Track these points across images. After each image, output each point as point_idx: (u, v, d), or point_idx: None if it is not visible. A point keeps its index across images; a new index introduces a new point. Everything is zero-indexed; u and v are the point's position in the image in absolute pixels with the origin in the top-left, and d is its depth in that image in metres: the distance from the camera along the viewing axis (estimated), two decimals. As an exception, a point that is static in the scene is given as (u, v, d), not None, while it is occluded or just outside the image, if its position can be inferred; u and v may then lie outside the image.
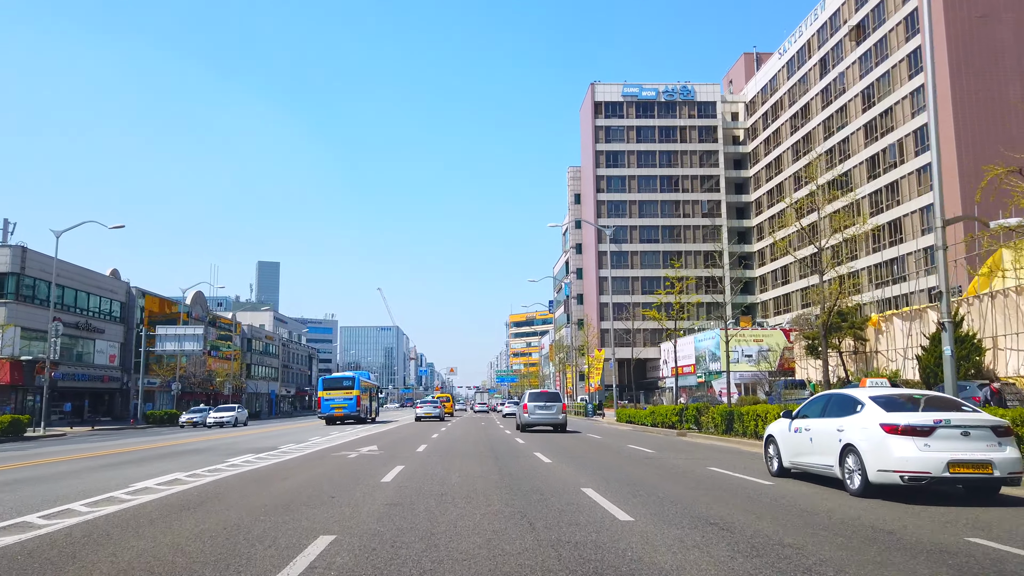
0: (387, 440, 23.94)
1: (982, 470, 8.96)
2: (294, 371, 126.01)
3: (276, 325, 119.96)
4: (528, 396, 31.59)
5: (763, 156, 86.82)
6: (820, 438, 10.77)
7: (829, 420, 10.71)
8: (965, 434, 9.15)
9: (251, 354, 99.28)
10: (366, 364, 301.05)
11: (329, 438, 25.28)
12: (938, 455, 8.97)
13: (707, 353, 70.42)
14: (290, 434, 29.59)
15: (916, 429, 9.15)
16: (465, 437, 26.39)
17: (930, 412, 9.44)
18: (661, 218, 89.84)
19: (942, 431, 9.13)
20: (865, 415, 9.88)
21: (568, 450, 18.58)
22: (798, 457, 11.58)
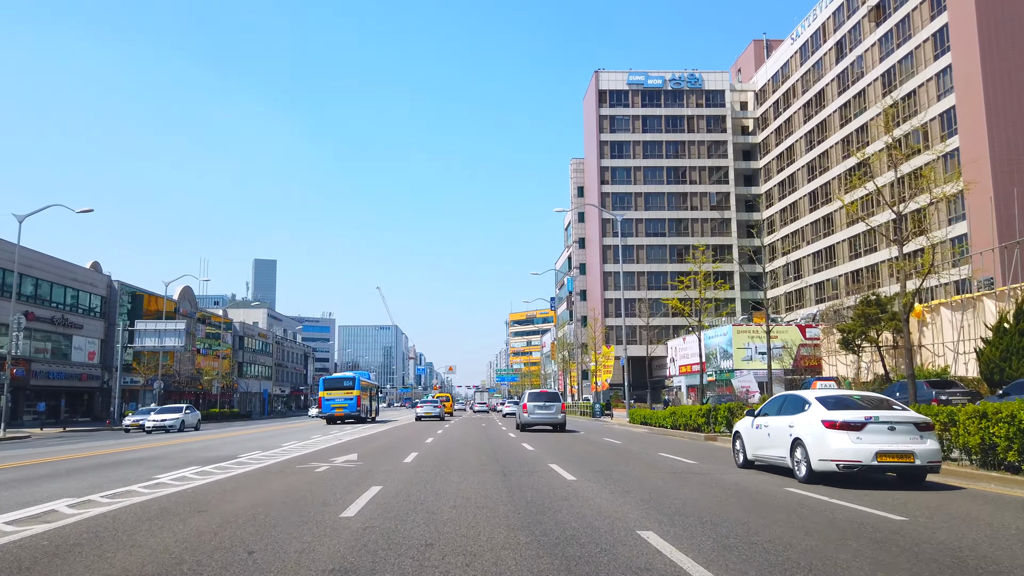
0: (374, 446, 20.62)
1: (905, 459, 10.46)
2: (289, 370, 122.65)
3: (270, 323, 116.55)
4: (528, 396, 31.61)
5: (774, 146, 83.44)
6: (776, 433, 12.23)
7: (783, 418, 12.11)
8: (891, 429, 10.62)
9: (243, 352, 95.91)
10: (364, 363, 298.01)
11: (306, 443, 21.91)
12: (868, 446, 10.45)
13: (718, 350, 67.03)
14: (264, 438, 26.22)
15: (850, 424, 10.63)
16: (464, 441, 23.08)
17: (863, 410, 10.90)
18: (668, 211, 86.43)
19: (872, 426, 10.60)
20: (811, 413, 11.36)
21: (590, 460, 15.22)
22: (759, 450, 13.03)
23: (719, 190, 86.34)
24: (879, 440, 10.49)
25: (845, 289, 68.01)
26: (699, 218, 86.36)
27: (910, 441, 10.54)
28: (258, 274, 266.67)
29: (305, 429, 34.87)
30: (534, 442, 21.19)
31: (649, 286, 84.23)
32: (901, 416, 10.85)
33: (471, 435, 27.56)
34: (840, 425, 10.65)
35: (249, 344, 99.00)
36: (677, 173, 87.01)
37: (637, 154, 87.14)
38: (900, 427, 10.64)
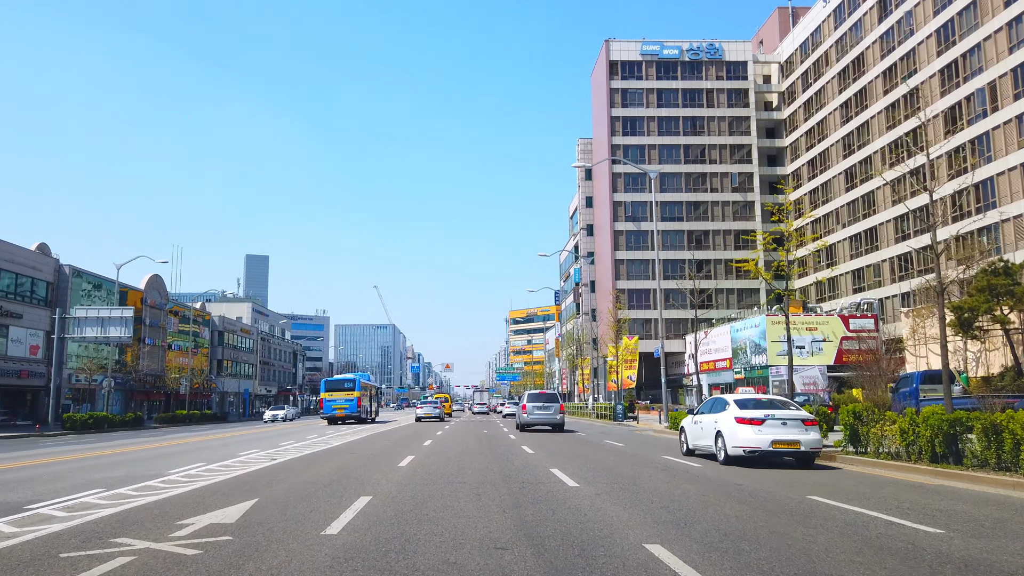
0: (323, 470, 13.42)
1: (793, 446, 14.39)
2: (276, 368, 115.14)
3: (255, 318, 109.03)
4: (527, 397, 32.15)
5: (802, 122, 76.00)
6: (707, 428, 16.44)
7: (711, 415, 16.43)
8: (784, 424, 14.57)
9: (223, 349, 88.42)
10: (362, 364, 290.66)
11: (210, 469, 14.36)
12: (766, 435, 14.42)
13: (748, 345, 59.51)
14: (169, 456, 18.59)
15: (753, 420, 14.63)
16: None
17: (764, 410, 14.96)
18: (685, 193, 78.96)
19: (769, 421, 14.59)
20: (729, 412, 15.43)
21: (683, 511, 8.00)
22: (696, 441, 17.29)
23: (741, 170, 78.86)
24: (774, 432, 14.46)
25: (890, 275, 60.55)
26: (719, 200, 78.90)
27: (798, 433, 14.49)
28: (250, 270, 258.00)
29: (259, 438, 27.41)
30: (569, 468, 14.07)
31: (666, 274, 76.72)
32: (792, 414, 14.88)
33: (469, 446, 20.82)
34: (746, 421, 14.66)
35: (230, 340, 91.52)
36: (696, 152, 79.58)
37: (652, 131, 79.65)
38: (790, 422, 14.63)
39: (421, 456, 17.68)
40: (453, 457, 16.96)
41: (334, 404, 45.71)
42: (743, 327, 60.77)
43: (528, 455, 17.75)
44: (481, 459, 16.22)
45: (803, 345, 55.52)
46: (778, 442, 14.14)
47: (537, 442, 22.70)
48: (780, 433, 14.25)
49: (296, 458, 16.75)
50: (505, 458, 16.51)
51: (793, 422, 14.39)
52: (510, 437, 26.44)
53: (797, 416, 14.63)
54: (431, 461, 15.72)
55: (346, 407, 45.45)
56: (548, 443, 21.85)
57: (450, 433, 31.74)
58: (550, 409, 30.49)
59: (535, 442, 22.46)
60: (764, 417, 14.39)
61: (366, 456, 17.62)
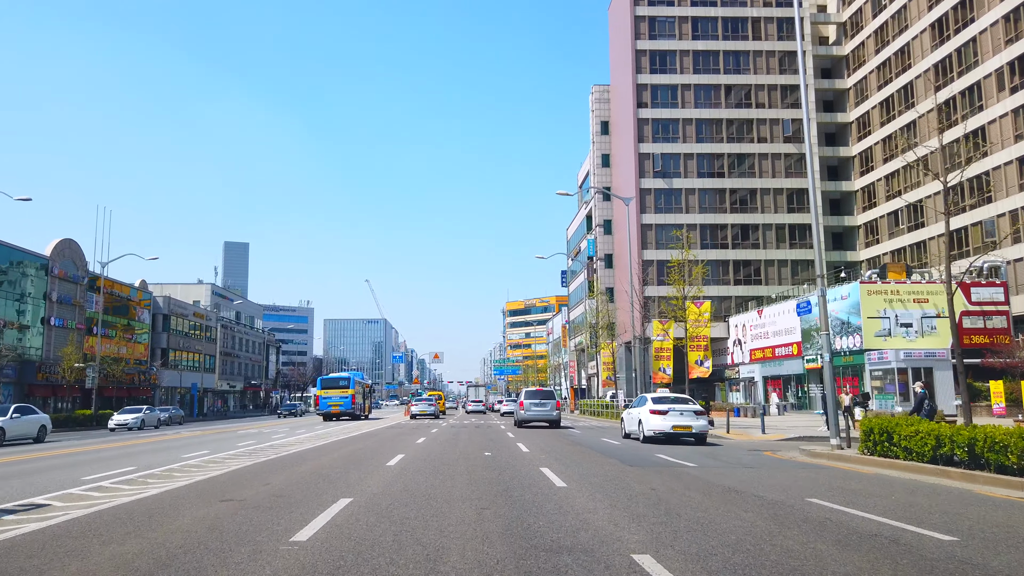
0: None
1: (687, 429, 20.61)
2: (242, 361, 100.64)
3: (216, 303, 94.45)
4: (524, 394, 32.78)
5: (872, 54, 61.83)
6: (633, 416, 22.88)
7: (636, 408, 22.79)
8: (681, 413, 20.75)
9: (168, 335, 73.89)
10: (353, 359, 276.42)
11: None
12: (668, 422, 20.64)
13: (832, 323, 45.09)
14: None
15: (660, 411, 20.83)
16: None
17: (668, 404, 21.21)
18: (727, 144, 64.69)
19: (671, 412, 20.76)
20: (646, 406, 21.53)
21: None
22: (628, 427, 23.46)
23: (795, 115, 64.63)
24: (674, 419, 20.64)
25: (1012, 235, 46.42)
26: (768, 153, 64.62)
27: (691, 419, 20.72)
28: (228, 258, 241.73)
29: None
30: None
31: (703, 244, 62.65)
32: (688, 408, 21.04)
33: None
34: (656, 412, 20.89)
35: (178, 326, 76.99)
36: (738, 93, 65.32)
37: (686, 68, 65.32)
38: (686, 412, 20.82)
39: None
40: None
41: (329, 401, 47.57)
42: (820, 301, 46.28)
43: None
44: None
45: (910, 323, 41.45)
46: (677, 426, 20.54)
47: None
48: (678, 420, 20.60)
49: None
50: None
51: (688, 412, 20.82)
52: (555, 484, 12.88)
53: (691, 408, 21.04)
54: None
55: (341, 404, 47.25)
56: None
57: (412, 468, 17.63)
58: (546, 406, 31.20)
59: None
60: (667, 409, 20.87)
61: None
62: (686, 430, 20.46)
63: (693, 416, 20.66)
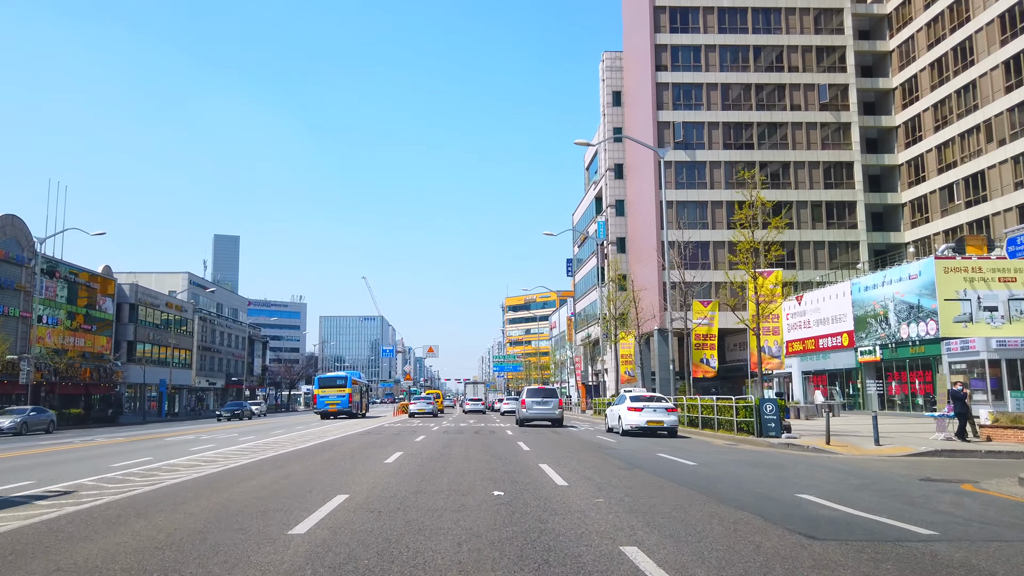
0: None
1: (660, 424, 22.95)
2: (223, 356, 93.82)
3: (194, 294, 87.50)
4: (526, 392, 31.93)
5: (919, 12, 55.00)
6: (614, 412, 25.53)
7: (617, 405, 25.49)
8: (655, 410, 23.15)
9: (136, 327, 67.01)
10: (350, 357, 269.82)
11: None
12: (644, 417, 23.01)
13: (892, 307, 38.41)
14: None
15: (637, 408, 23.23)
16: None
17: (644, 401, 23.77)
18: (756, 111, 57.82)
19: (646, 408, 23.23)
20: (625, 404, 24.09)
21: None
22: (610, 422, 26.25)
23: (833, 80, 57.74)
24: (649, 415, 23.06)
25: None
26: (802, 122, 57.72)
27: (663, 415, 23.10)
28: (218, 251, 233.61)
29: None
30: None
31: (729, 224, 55.81)
32: (661, 405, 23.63)
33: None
34: (633, 408, 23.33)
35: (148, 317, 70.08)
36: (769, 55, 58.42)
37: (710, 27, 58.37)
38: (659, 409, 23.30)
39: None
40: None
41: (327, 400, 48.58)
42: (881, 281, 39.57)
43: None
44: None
45: (995, 306, 34.61)
46: (651, 421, 22.97)
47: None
48: (652, 416, 23.02)
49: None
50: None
51: (660, 409, 23.27)
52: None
53: (663, 406, 23.52)
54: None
55: (338, 403, 48.14)
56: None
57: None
58: (549, 404, 30.51)
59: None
60: (643, 405, 23.46)
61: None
62: (658, 424, 23.01)
63: (664, 412, 23.24)
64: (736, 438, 20.50)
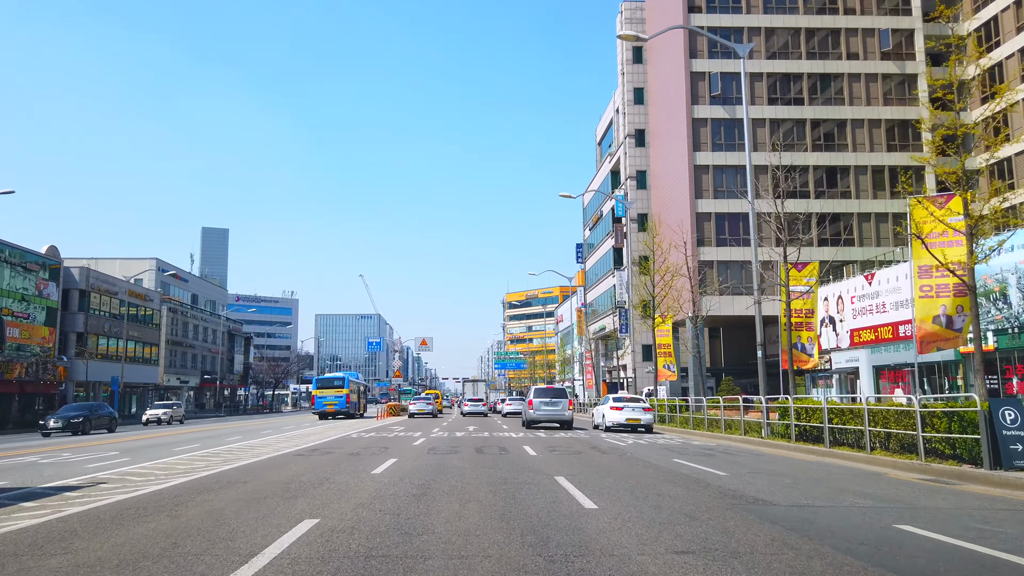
0: None
1: (637, 421, 25.60)
2: (198, 352, 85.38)
3: (163, 282, 78.87)
4: (534, 392, 30.49)
5: (1000, -59, 46.52)
6: (599, 411, 28.55)
7: (601, 405, 28.66)
8: (633, 410, 25.90)
9: (87, 316, 58.44)
10: (347, 356, 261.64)
11: None
12: (623, 415, 25.79)
13: (1023, 282, 29.78)
14: None
15: (618, 407, 26.23)
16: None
17: (624, 402, 26.74)
18: (806, 60, 49.27)
19: (626, 408, 26.10)
20: (608, 403, 27.29)
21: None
22: (595, 420, 29.11)
23: (896, 24, 49.18)
24: (628, 414, 25.73)
25: None
26: (861, 73, 49.15)
27: (640, 414, 25.71)
28: (206, 245, 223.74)
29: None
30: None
31: (776, 193, 47.33)
32: (638, 404, 26.46)
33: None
34: (614, 408, 26.25)
35: (103, 306, 61.51)
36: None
37: (751, -38, 49.84)
38: (636, 408, 25.98)
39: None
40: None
41: (325, 400, 48.67)
42: (996, 248, 30.71)
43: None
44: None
45: None
46: (630, 419, 25.57)
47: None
48: (631, 415, 25.67)
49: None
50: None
51: (638, 408, 25.97)
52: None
53: (640, 406, 26.22)
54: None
55: (336, 403, 48.29)
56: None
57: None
58: (558, 405, 28.97)
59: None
60: (623, 405, 26.28)
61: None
62: (636, 422, 25.63)
63: (642, 412, 25.91)
64: (937, 470, 11.60)
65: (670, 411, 30.49)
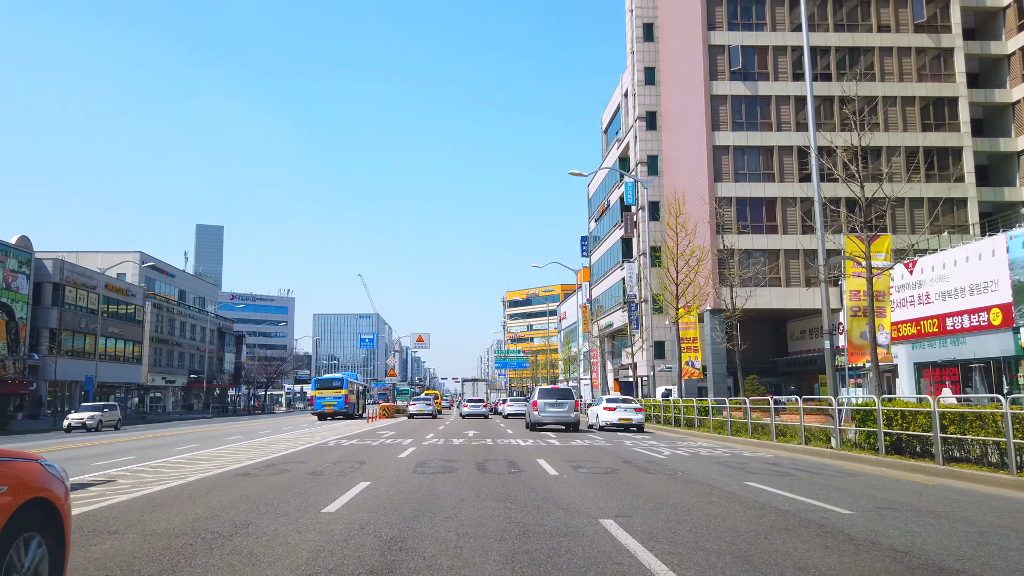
0: None
1: (629, 421, 27.39)
2: (186, 350, 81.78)
3: (146, 276, 75.11)
4: (538, 392, 29.46)
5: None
6: (593, 411, 30.60)
7: (596, 406, 30.35)
8: (625, 410, 27.69)
9: (60, 312, 54.72)
10: (345, 356, 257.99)
11: None
12: (616, 416, 27.53)
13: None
14: None
15: (611, 408, 27.96)
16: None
17: (617, 403, 28.52)
18: (834, 33, 45.58)
19: (619, 408, 27.87)
20: (602, 404, 28.94)
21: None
22: (592, 420, 30.38)
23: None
24: (621, 414, 27.41)
25: None
26: (893, 47, 45.46)
27: (632, 414, 27.38)
28: (201, 242, 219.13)
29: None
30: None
31: (801, 176, 43.85)
32: (630, 405, 28.09)
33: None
34: (608, 408, 27.80)
35: (79, 301, 57.86)
36: (849, -38, 46.14)
37: (773, -75, 46.10)
38: (628, 408, 27.66)
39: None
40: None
41: (324, 401, 48.93)
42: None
43: None
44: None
45: None
46: (622, 418, 27.21)
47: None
48: (623, 415, 27.31)
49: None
50: None
51: (630, 409, 27.59)
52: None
53: (632, 406, 27.85)
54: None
55: (335, 404, 48.52)
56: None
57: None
58: (563, 407, 28.06)
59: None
60: (615, 406, 27.84)
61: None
62: (628, 421, 27.21)
63: (633, 412, 27.47)
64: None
65: (700, 414, 26.82)
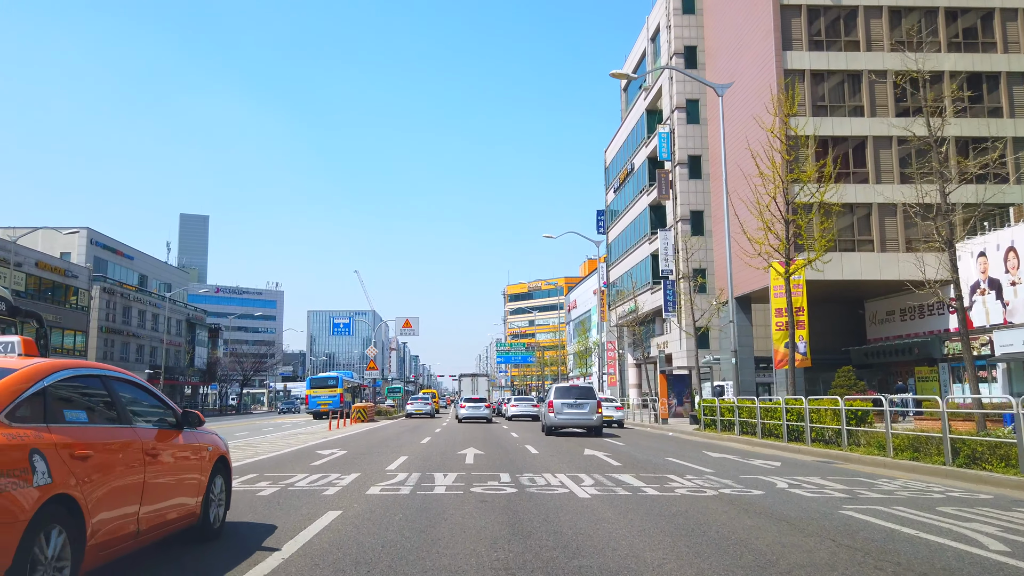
0: None
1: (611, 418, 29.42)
2: (145, 342, 72.02)
3: (96, 257, 65.22)
4: (555, 392, 25.55)
5: None
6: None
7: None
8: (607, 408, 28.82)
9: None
10: (340, 354, 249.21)
11: None
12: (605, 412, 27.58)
13: None
14: None
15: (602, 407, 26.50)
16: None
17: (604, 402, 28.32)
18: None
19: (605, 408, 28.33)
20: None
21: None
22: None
23: None
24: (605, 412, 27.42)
25: None
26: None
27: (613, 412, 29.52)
28: (184, 233, 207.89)
29: None
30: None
31: (898, 111, 33.87)
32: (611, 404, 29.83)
33: None
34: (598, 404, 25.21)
35: (2, 280, 47.94)
36: None
37: None
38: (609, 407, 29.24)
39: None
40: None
41: (318, 400, 50.20)
42: None
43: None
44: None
45: None
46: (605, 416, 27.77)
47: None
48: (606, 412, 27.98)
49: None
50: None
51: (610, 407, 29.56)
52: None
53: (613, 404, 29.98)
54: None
55: (329, 402, 48.45)
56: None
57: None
58: (584, 407, 24.44)
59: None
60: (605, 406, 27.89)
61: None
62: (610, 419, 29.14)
63: (614, 410, 29.51)
64: None
65: (790, 418, 16.89)
